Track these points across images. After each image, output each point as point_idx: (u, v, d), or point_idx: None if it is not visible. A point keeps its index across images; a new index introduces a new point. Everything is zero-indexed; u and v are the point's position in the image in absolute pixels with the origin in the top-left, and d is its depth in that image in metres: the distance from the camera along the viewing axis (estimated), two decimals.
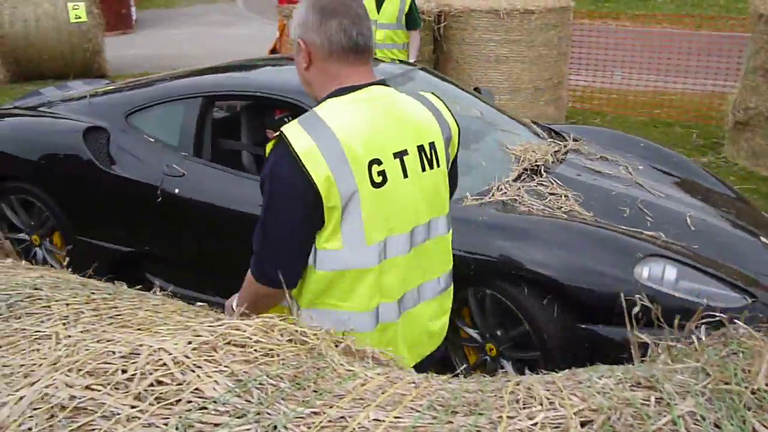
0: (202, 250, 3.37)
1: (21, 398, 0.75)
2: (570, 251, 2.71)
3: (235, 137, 3.83)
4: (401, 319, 1.63)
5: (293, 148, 1.43)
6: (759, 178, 5.82)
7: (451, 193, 1.81)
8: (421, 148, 1.59)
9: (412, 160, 1.57)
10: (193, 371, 0.83)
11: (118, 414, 0.75)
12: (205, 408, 0.79)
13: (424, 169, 1.60)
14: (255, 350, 0.92)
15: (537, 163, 3.39)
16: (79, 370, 0.81)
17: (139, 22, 15.07)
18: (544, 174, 3.31)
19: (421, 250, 1.64)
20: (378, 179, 1.49)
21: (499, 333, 2.89)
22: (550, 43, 6.85)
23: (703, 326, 1.31)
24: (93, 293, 1.09)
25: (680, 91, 7.98)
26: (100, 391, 0.78)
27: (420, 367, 1.66)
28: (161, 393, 0.79)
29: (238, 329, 0.95)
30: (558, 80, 7.09)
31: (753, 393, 0.89)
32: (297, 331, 0.99)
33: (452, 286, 1.85)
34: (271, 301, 1.56)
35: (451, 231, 1.77)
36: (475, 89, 4.65)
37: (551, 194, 3.14)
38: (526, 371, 2.81)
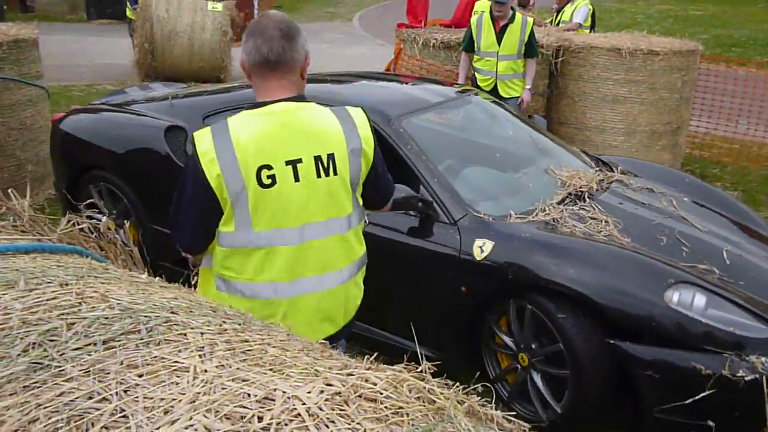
0: None
1: None
2: (603, 271, 2.89)
3: None
4: (292, 299, 1.96)
5: (196, 150, 1.84)
6: None
7: (381, 200, 2.24)
8: (318, 158, 1.90)
9: (306, 168, 1.88)
10: (327, 426, 0.80)
11: None
12: None
13: (319, 176, 1.90)
14: (385, 407, 0.89)
15: (581, 189, 3.61)
16: (217, 411, 0.80)
17: None
18: (588, 200, 3.51)
19: (317, 244, 1.95)
20: (267, 181, 1.84)
21: (533, 346, 3.05)
22: (672, 86, 6.57)
23: None
24: (224, 322, 1.09)
25: None
26: None
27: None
28: None
29: (368, 381, 0.92)
30: (677, 125, 6.78)
31: None
32: (425, 388, 0.95)
33: (362, 271, 2.17)
34: (194, 259, 2.09)
35: (357, 227, 2.06)
36: (529, 116, 4.71)
37: (592, 218, 3.34)
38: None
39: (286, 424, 0.78)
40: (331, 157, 1.91)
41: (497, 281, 3.04)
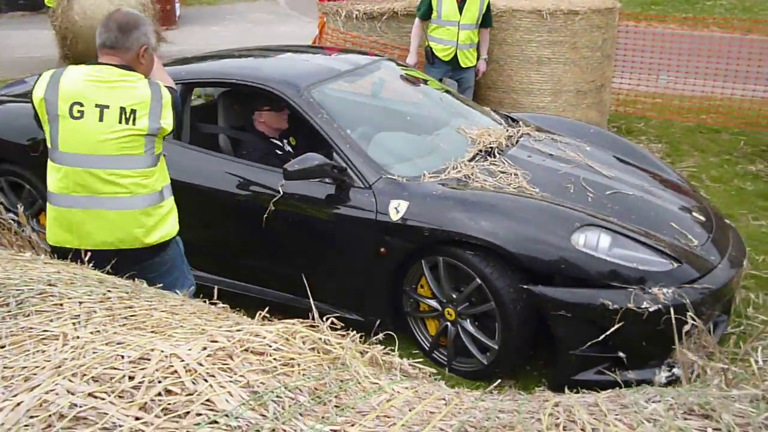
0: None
1: (18, 404, 0.69)
2: (514, 221, 3.01)
3: (211, 121, 4.06)
4: (81, 212, 2.52)
5: (37, 79, 2.52)
6: None
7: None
8: (122, 109, 2.46)
9: (111, 113, 2.45)
10: (206, 380, 0.77)
11: (121, 426, 0.69)
12: (216, 422, 0.72)
13: (120, 122, 2.46)
14: (274, 359, 0.85)
15: (491, 146, 3.71)
16: (84, 375, 0.75)
17: (182, 18, 15.23)
18: (497, 155, 3.63)
19: (107, 174, 2.49)
20: (77, 114, 2.45)
21: (455, 296, 3.14)
22: (594, 45, 6.66)
23: (760, 348, 1.20)
24: (109, 291, 1.03)
25: (728, 96, 7.72)
26: (103, 399, 0.71)
27: (106, 257, 2.30)
28: (169, 404, 0.73)
29: (257, 335, 0.88)
30: (601, 83, 6.90)
31: None
32: (320, 338, 0.92)
33: (157, 205, 2.63)
34: None
35: (146, 169, 2.56)
36: (439, 80, 4.95)
37: (502, 172, 3.45)
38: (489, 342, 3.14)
39: (159, 381, 0.74)
40: (133, 112, 2.47)
41: (414, 240, 3.10)
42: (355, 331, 1.05)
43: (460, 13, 5.84)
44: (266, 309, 1.17)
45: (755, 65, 7.53)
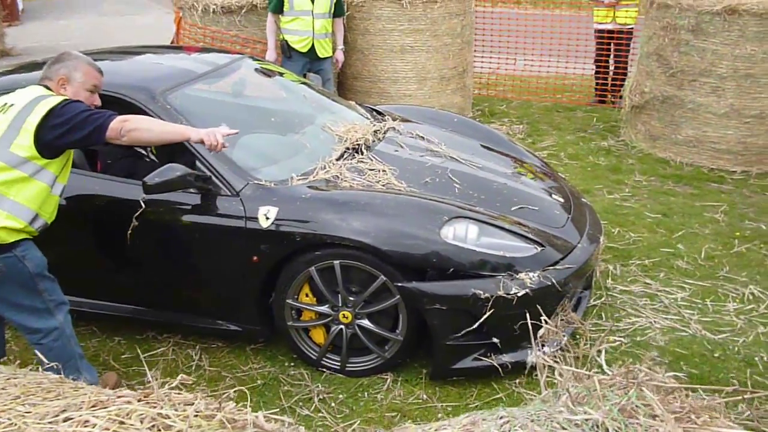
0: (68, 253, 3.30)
1: None
2: (383, 218, 3.02)
3: None
4: None
5: None
6: (656, 160, 6.04)
7: (70, 144, 2.69)
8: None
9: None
10: None
11: None
12: None
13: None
14: None
15: (358, 142, 3.69)
16: None
17: (26, 13, 14.15)
18: (365, 152, 3.62)
19: None
20: None
21: (352, 298, 3.10)
22: (453, 31, 6.84)
23: (603, 352, 1.26)
24: None
25: (581, 75, 8.18)
26: None
27: None
28: None
29: (87, 423, 0.82)
30: (463, 68, 7.11)
31: None
32: (160, 414, 0.87)
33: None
34: None
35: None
36: (303, 75, 4.94)
37: (370, 170, 3.44)
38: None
39: None
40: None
41: (287, 245, 3.06)
42: (201, 393, 1.01)
43: (313, 3, 5.83)
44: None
45: None
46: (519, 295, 2.92)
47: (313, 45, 5.87)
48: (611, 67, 7.67)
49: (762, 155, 5.75)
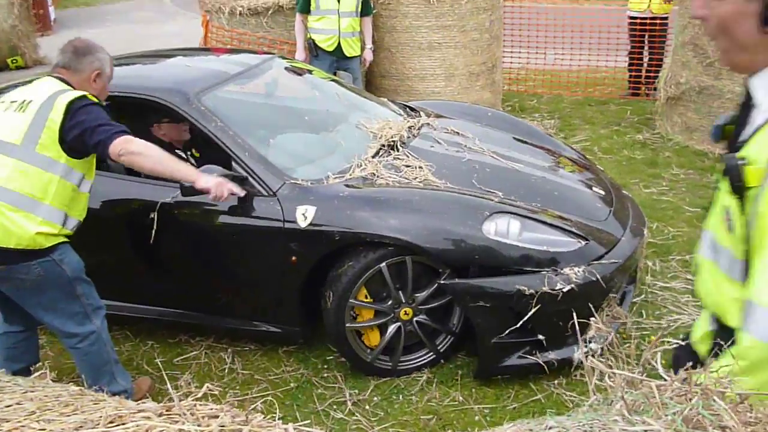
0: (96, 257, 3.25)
1: None
2: (423, 216, 2.96)
3: None
4: None
5: None
6: (694, 153, 5.87)
7: (83, 148, 2.61)
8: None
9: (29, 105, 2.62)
10: None
11: None
12: None
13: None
14: None
15: (393, 139, 3.61)
16: None
17: (58, 23, 14.37)
18: (400, 148, 3.55)
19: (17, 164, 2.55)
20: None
21: (417, 294, 3.07)
22: (481, 27, 6.74)
23: (659, 353, 1.17)
24: None
25: (612, 68, 8.01)
26: None
27: None
28: None
29: None
30: (492, 64, 7.00)
31: None
32: (181, 431, 0.82)
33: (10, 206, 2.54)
34: None
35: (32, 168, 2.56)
36: (333, 74, 4.91)
37: (406, 166, 3.37)
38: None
39: None
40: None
41: (326, 245, 3.00)
42: (229, 402, 0.97)
43: (339, 2, 5.81)
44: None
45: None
46: (564, 290, 2.83)
47: (339, 44, 5.84)
48: (645, 58, 7.49)
49: None
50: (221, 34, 6.55)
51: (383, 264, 2.97)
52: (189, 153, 3.81)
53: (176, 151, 3.74)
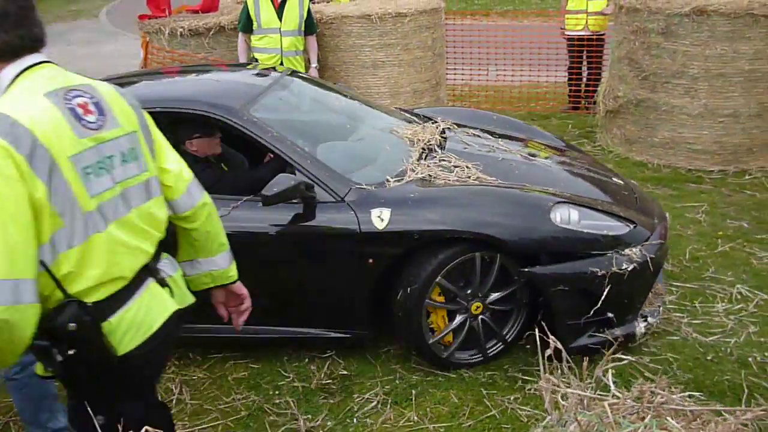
0: None
1: None
2: (496, 210, 3.12)
3: None
4: None
5: None
6: (634, 163, 6.03)
7: None
8: None
9: None
10: None
11: None
12: None
13: None
14: None
15: (430, 143, 3.74)
16: None
17: None
18: (440, 151, 3.67)
19: None
20: None
21: (487, 290, 3.19)
22: (424, 44, 6.81)
23: (610, 370, 1.18)
24: None
25: (553, 83, 8.19)
26: None
27: None
28: None
29: None
30: (436, 81, 7.08)
31: None
32: None
33: None
34: None
35: None
36: (334, 83, 5.00)
37: (455, 167, 3.48)
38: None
39: None
40: None
41: (403, 245, 3.08)
42: None
43: (280, 20, 5.81)
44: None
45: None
46: (629, 270, 3.03)
47: (282, 62, 5.81)
48: (584, 74, 7.68)
49: (738, 153, 5.76)
50: (162, 55, 6.43)
51: (477, 253, 3.09)
52: (213, 160, 3.81)
53: (212, 163, 3.75)
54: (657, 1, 5.67)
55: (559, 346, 1.24)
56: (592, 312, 3.07)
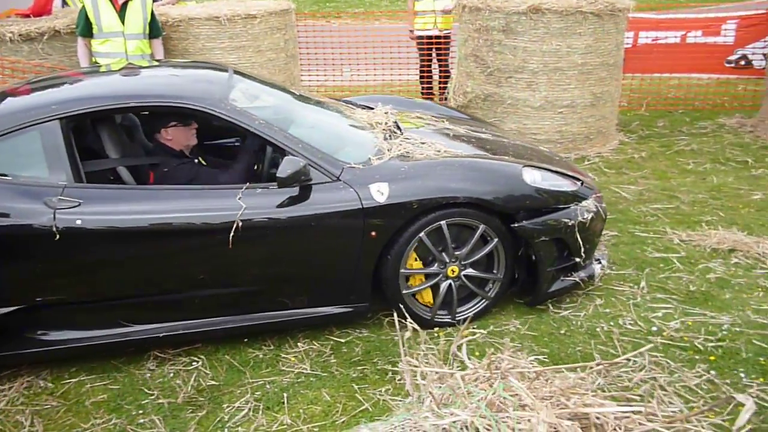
0: (121, 277, 3.23)
1: None
2: (479, 176, 3.44)
3: (99, 153, 3.66)
4: None
5: None
6: None
7: None
8: None
9: None
10: None
11: None
12: None
13: None
14: None
15: (387, 126, 3.95)
16: None
17: None
18: (399, 132, 3.89)
19: None
20: None
21: (458, 252, 3.46)
22: (277, 46, 6.75)
23: (464, 346, 1.21)
24: None
25: (406, 81, 8.40)
26: None
27: None
28: None
29: None
30: (291, 82, 7.02)
31: None
32: None
33: None
34: None
35: None
36: None
37: (422, 143, 3.70)
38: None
39: None
40: None
41: (403, 216, 3.29)
42: None
43: (123, 23, 5.58)
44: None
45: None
46: (590, 218, 3.51)
47: None
48: (435, 71, 7.94)
49: (576, 141, 6.21)
50: None
51: (422, 233, 3.33)
52: (197, 160, 3.72)
53: (187, 156, 3.67)
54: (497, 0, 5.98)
55: (417, 327, 1.26)
56: (565, 257, 3.53)
